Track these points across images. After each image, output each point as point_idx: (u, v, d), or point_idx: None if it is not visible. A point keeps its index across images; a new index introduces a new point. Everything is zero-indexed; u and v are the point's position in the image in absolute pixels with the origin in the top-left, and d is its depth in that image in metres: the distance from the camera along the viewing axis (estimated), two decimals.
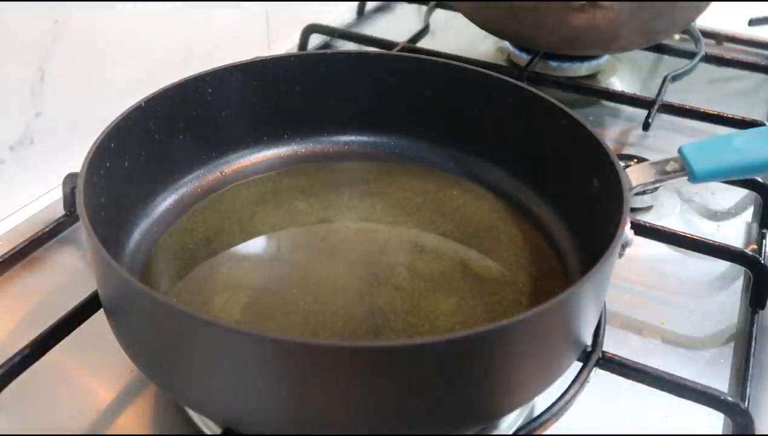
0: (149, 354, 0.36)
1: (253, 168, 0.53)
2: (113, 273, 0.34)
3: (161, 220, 0.48)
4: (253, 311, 0.42)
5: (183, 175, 0.50)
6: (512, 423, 0.41)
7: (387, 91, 0.54)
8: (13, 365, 0.39)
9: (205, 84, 0.50)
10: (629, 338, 0.47)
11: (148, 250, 0.46)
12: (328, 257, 0.46)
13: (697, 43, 0.77)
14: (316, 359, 0.31)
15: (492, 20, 0.70)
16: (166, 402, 0.41)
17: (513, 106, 0.51)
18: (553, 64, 0.75)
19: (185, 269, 0.45)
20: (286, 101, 0.53)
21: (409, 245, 0.47)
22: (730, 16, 0.86)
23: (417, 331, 0.41)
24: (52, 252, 0.52)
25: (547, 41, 0.68)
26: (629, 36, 0.66)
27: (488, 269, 0.46)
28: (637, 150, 0.66)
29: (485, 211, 0.50)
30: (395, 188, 0.52)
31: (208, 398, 0.34)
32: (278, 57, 0.53)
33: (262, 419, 0.34)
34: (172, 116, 0.48)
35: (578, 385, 0.39)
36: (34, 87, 0.54)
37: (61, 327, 0.41)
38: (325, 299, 0.43)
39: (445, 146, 0.54)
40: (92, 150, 0.41)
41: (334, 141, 0.55)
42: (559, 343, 0.36)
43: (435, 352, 0.31)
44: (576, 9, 0.63)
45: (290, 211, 0.50)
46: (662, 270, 0.53)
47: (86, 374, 0.43)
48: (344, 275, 0.45)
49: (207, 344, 0.32)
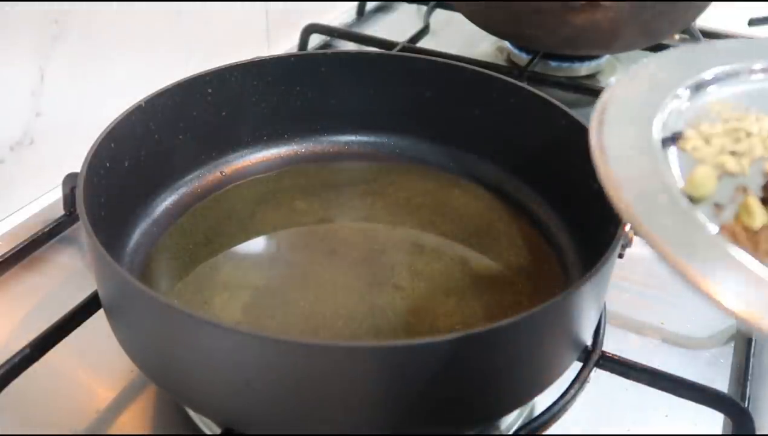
0: (149, 354, 0.36)
1: (253, 168, 0.53)
2: (113, 273, 0.34)
3: (161, 220, 0.48)
4: (253, 311, 0.42)
5: (183, 175, 0.50)
6: (512, 423, 0.41)
7: (387, 91, 0.54)
8: (13, 365, 0.39)
9: (205, 84, 0.50)
10: (629, 338, 0.47)
11: (148, 250, 0.46)
12: (328, 257, 0.46)
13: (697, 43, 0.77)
14: (316, 359, 0.31)
15: (492, 20, 0.70)
16: (166, 402, 0.41)
17: (513, 106, 0.51)
18: (553, 64, 0.75)
19: (185, 269, 0.45)
20: (286, 101, 0.53)
21: (409, 245, 0.47)
22: (730, 16, 0.86)
23: (417, 331, 0.41)
24: (52, 252, 0.52)
25: (547, 41, 0.68)
26: (629, 36, 0.66)
27: (488, 269, 0.46)
28: None
29: (485, 211, 0.50)
30: (395, 188, 0.52)
31: (208, 398, 0.34)
32: (278, 57, 0.53)
33: (262, 419, 0.34)
34: (172, 116, 0.48)
35: (578, 385, 0.39)
36: (34, 87, 0.54)
37: (61, 327, 0.41)
38: (325, 299, 0.43)
39: (445, 146, 0.54)
40: (92, 150, 0.41)
41: (334, 141, 0.55)
42: (559, 343, 0.36)
43: (435, 352, 0.31)
44: (576, 9, 0.63)
45: (290, 211, 0.50)
46: (662, 270, 0.53)
47: (86, 374, 0.43)
48: (344, 275, 0.45)
49: (207, 344, 0.32)
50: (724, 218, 0.30)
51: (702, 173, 0.31)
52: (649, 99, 0.35)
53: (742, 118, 0.36)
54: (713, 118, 0.36)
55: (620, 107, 0.34)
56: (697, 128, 0.35)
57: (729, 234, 0.29)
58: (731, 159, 0.33)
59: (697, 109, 0.36)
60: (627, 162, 0.30)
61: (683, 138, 0.34)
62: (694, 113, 0.36)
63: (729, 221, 0.29)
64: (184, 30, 0.66)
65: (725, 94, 0.37)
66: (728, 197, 0.31)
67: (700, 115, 0.36)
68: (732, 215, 0.30)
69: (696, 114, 0.36)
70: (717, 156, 0.33)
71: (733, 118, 0.36)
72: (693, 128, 0.35)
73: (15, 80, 0.53)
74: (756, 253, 0.28)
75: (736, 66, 0.38)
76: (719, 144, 0.34)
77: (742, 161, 0.33)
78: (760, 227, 0.29)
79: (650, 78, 0.37)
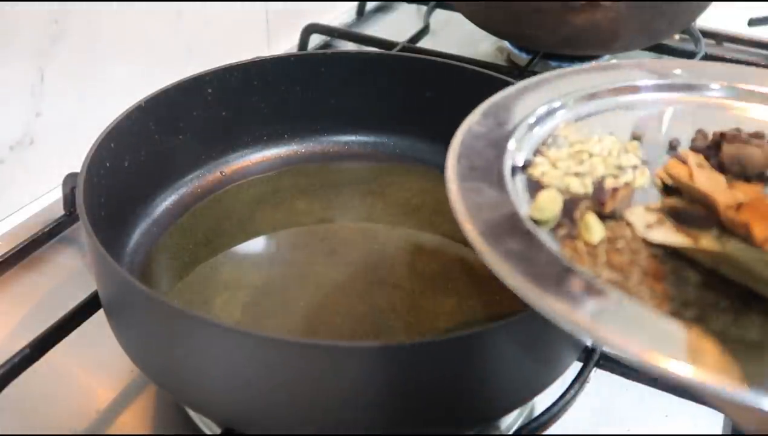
0: (149, 354, 0.36)
1: (253, 168, 0.53)
2: (113, 273, 0.34)
3: (161, 220, 0.48)
4: (253, 311, 0.42)
5: (183, 175, 0.50)
6: (512, 423, 0.41)
7: (387, 91, 0.54)
8: (13, 365, 0.39)
9: (205, 84, 0.50)
10: None
11: (148, 250, 0.46)
12: (328, 256, 0.46)
13: (697, 43, 0.77)
14: (316, 359, 0.31)
15: (492, 20, 0.70)
16: (166, 402, 0.41)
17: None
18: (553, 64, 0.75)
19: (185, 269, 0.45)
20: (286, 101, 0.53)
21: (409, 245, 0.47)
22: (730, 16, 0.86)
23: (417, 331, 0.41)
24: (52, 252, 0.52)
25: (547, 41, 0.68)
26: (629, 36, 0.66)
27: (488, 269, 0.46)
28: None
29: None
30: (395, 188, 0.52)
31: (208, 398, 0.34)
32: (278, 57, 0.53)
33: (262, 419, 0.34)
34: (172, 116, 0.48)
35: (578, 385, 0.39)
36: (34, 87, 0.54)
37: (61, 327, 0.41)
38: (324, 299, 0.43)
39: (445, 146, 0.54)
40: (92, 150, 0.41)
41: (334, 141, 0.55)
42: (560, 343, 0.36)
43: (435, 352, 0.31)
44: (576, 9, 0.63)
45: (290, 211, 0.50)
46: None
47: (86, 374, 0.43)
48: (344, 275, 0.45)
49: (207, 344, 0.32)
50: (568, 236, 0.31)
51: (545, 197, 0.33)
52: (499, 131, 0.37)
53: (586, 140, 0.37)
54: (560, 144, 0.37)
55: (474, 139, 0.36)
56: (545, 154, 0.37)
57: (570, 250, 0.30)
58: (575, 180, 0.35)
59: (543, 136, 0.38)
60: (477, 193, 0.32)
61: (533, 165, 0.36)
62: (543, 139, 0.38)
63: (570, 238, 0.31)
64: (184, 30, 0.66)
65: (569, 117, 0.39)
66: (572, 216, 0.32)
67: (548, 142, 0.38)
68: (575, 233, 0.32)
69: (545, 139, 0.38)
70: (562, 179, 0.35)
71: (578, 142, 0.37)
72: (541, 154, 0.37)
73: (15, 80, 0.53)
74: (595, 266, 0.29)
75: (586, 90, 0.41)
76: (564, 167, 0.36)
77: (585, 181, 0.35)
78: (598, 242, 0.31)
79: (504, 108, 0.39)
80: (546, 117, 0.39)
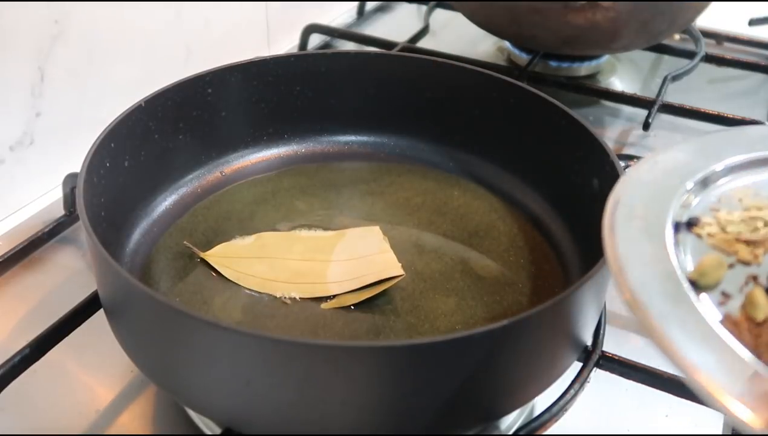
0: (149, 354, 0.36)
1: (253, 168, 0.53)
2: (113, 273, 0.34)
3: (161, 220, 0.48)
4: (253, 311, 0.42)
5: (183, 175, 0.50)
6: (512, 423, 0.41)
7: (387, 91, 0.54)
8: (13, 365, 0.39)
9: (205, 84, 0.50)
10: (629, 338, 0.47)
11: (148, 250, 0.46)
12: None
13: (697, 43, 0.77)
14: (316, 359, 0.31)
15: (492, 20, 0.70)
16: (166, 402, 0.41)
17: (513, 106, 0.51)
18: (553, 64, 0.75)
19: (185, 269, 0.45)
20: (286, 101, 0.53)
21: (409, 245, 0.47)
22: (730, 16, 0.86)
23: (417, 331, 0.41)
24: (52, 252, 0.52)
25: (547, 41, 0.68)
26: (629, 36, 0.66)
27: (488, 269, 0.46)
28: (637, 150, 0.66)
29: (485, 211, 0.50)
30: (395, 188, 0.52)
31: (208, 398, 0.34)
32: (278, 57, 0.53)
33: (262, 419, 0.34)
34: (172, 116, 0.48)
35: (578, 385, 0.39)
36: (34, 87, 0.54)
37: (61, 327, 0.41)
38: (324, 299, 0.43)
39: (445, 146, 0.55)
40: (92, 150, 0.41)
41: (334, 141, 0.55)
42: (560, 343, 0.36)
43: (435, 352, 0.31)
44: (576, 9, 0.63)
45: (290, 211, 0.50)
46: None
47: (86, 374, 0.43)
48: None
49: (207, 344, 0.32)
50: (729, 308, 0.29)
51: (710, 261, 0.30)
52: (668, 183, 0.34)
53: (763, 207, 0.35)
54: (733, 206, 0.35)
55: (636, 189, 0.33)
56: (715, 215, 0.34)
57: (731, 324, 0.28)
58: (745, 248, 0.32)
59: (718, 195, 0.35)
60: (636, 245, 0.30)
61: (700, 224, 0.33)
62: (715, 199, 0.35)
63: (733, 311, 0.29)
64: (184, 30, 0.66)
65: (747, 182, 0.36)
66: (737, 286, 0.30)
67: (720, 202, 0.35)
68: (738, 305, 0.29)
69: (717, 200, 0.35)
70: (731, 244, 0.32)
71: (754, 207, 0.35)
72: (711, 215, 0.34)
73: (15, 80, 0.53)
74: (756, 346, 0.27)
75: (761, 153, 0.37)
76: (735, 231, 0.33)
77: (756, 251, 0.32)
78: (763, 320, 0.28)
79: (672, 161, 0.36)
80: (721, 175, 0.36)
